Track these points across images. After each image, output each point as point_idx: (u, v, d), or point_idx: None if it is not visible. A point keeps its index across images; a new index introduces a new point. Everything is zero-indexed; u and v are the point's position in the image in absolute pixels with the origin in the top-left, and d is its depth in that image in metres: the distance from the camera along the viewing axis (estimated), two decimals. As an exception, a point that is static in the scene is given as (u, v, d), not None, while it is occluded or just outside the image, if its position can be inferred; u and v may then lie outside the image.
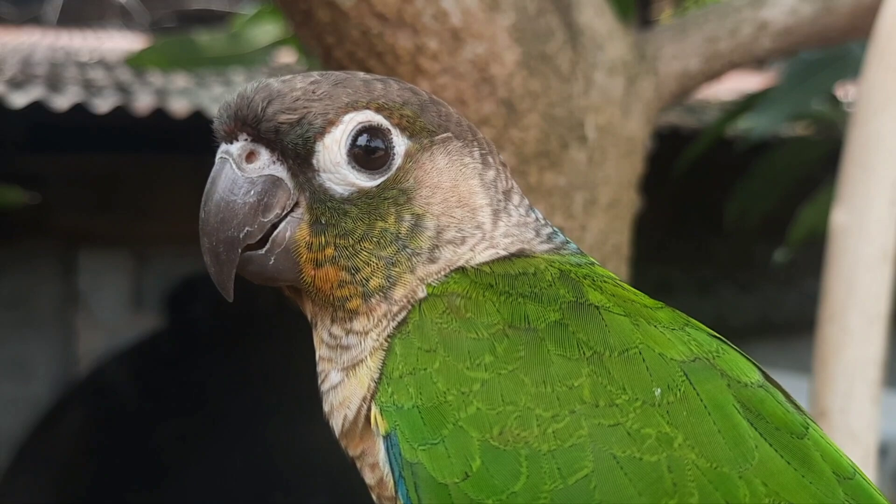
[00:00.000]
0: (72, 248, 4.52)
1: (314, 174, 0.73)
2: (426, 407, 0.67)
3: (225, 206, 0.72)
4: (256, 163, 0.73)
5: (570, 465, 0.64)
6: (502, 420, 0.65)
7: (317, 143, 0.72)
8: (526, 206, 0.84)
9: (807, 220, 3.07)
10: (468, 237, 0.76)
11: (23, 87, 3.72)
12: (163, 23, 6.94)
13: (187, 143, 4.30)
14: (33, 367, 4.48)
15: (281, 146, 0.72)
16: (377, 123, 0.73)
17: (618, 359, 0.68)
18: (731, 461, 0.65)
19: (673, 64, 1.46)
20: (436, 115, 0.77)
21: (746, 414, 0.68)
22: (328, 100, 0.73)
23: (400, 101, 0.75)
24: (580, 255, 0.83)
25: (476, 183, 0.78)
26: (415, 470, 0.67)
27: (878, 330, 1.36)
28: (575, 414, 0.65)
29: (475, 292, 0.72)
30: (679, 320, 0.74)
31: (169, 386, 4.26)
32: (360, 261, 0.73)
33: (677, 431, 0.65)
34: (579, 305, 0.71)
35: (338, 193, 0.73)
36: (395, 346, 0.71)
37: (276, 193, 0.73)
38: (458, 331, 0.69)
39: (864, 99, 1.41)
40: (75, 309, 4.54)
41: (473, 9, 1.20)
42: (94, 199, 4.47)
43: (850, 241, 1.38)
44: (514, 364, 0.67)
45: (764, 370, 0.74)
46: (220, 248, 0.73)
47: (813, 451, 0.68)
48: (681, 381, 0.67)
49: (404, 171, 0.74)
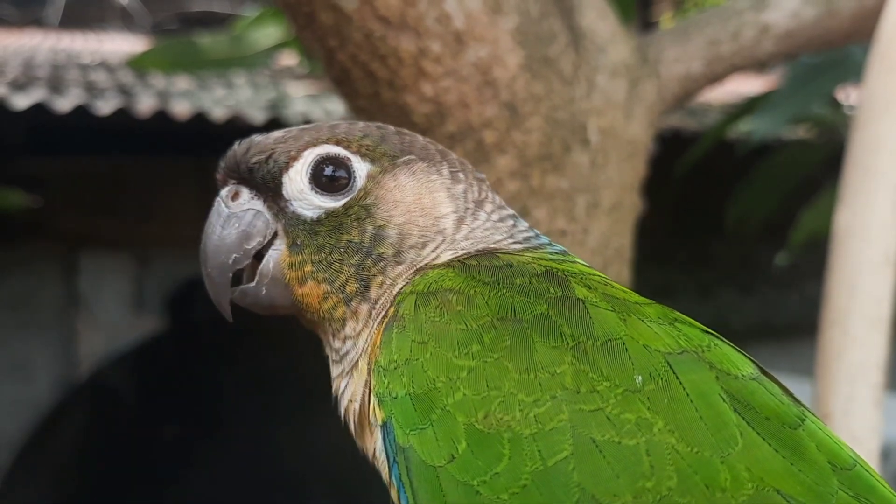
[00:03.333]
0: (73, 250, 4.52)
1: (286, 203, 0.85)
2: (417, 394, 0.71)
3: (216, 238, 0.86)
4: (240, 200, 0.87)
5: (550, 448, 0.66)
6: (486, 405, 0.68)
7: (283, 176, 0.85)
8: (504, 215, 0.90)
9: (808, 223, 3.07)
10: (429, 241, 0.84)
11: (24, 90, 3.72)
12: (164, 25, 6.95)
13: (189, 145, 4.31)
14: (34, 369, 4.48)
15: (255, 183, 0.86)
16: (335, 153, 0.85)
17: (601, 348, 0.70)
18: (712, 446, 0.66)
19: (675, 67, 1.46)
20: (398, 143, 0.88)
21: (734, 403, 0.69)
22: (292, 141, 0.86)
23: (360, 135, 0.87)
24: (562, 254, 0.88)
25: (442, 195, 0.86)
26: (406, 454, 0.70)
27: (880, 333, 1.36)
28: (556, 399, 0.68)
29: (468, 288, 0.76)
30: (668, 316, 0.76)
31: (170, 388, 4.26)
32: (334, 271, 0.83)
33: (657, 417, 0.67)
34: (565, 300, 0.74)
35: (308, 216, 0.85)
36: (392, 340, 0.75)
37: (256, 223, 0.86)
38: (448, 323, 0.73)
39: (867, 102, 1.41)
40: (76, 311, 4.54)
41: (476, 12, 1.20)
42: (95, 201, 4.48)
43: (853, 244, 1.38)
44: (499, 352, 0.70)
45: (762, 367, 0.75)
46: (213, 273, 0.86)
47: (807, 441, 0.69)
48: (664, 370, 0.69)
49: (366, 191, 0.84)
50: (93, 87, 4.03)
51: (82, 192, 4.42)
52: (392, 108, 1.24)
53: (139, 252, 4.62)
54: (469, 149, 1.25)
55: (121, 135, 3.96)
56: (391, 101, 1.23)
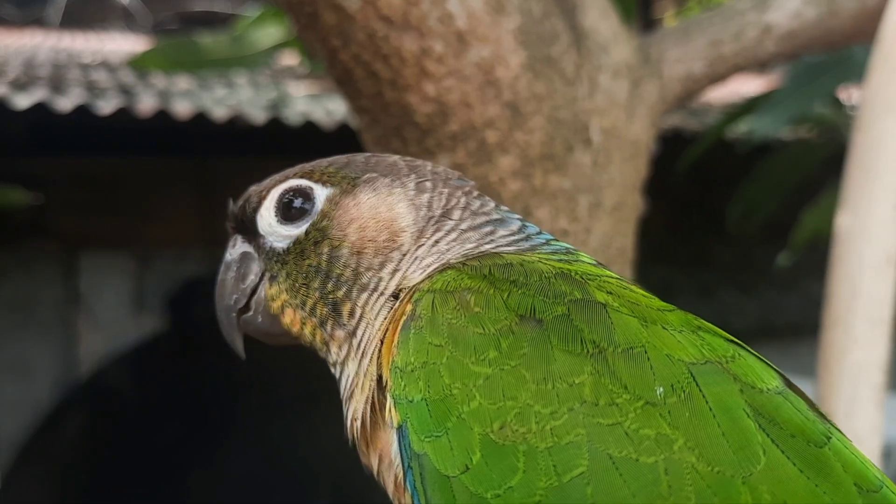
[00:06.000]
0: (74, 249, 4.52)
1: (262, 239, 0.90)
2: (433, 400, 0.69)
3: (220, 282, 0.93)
4: (237, 246, 0.93)
5: (566, 464, 0.64)
6: (503, 415, 0.66)
7: (256, 215, 0.90)
8: (481, 221, 0.87)
9: (810, 223, 3.07)
10: (388, 261, 0.84)
11: (26, 89, 3.72)
12: (165, 25, 6.95)
13: (190, 145, 4.32)
14: (34, 369, 4.48)
15: (244, 228, 0.92)
16: (298, 185, 0.88)
17: (622, 356, 0.68)
18: (733, 465, 0.63)
19: (677, 67, 1.46)
20: (362, 165, 0.89)
21: (758, 419, 0.66)
22: (265, 182, 0.91)
23: (325, 164, 0.90)
24: (565, 252, 0.85)
25: (402, 207, 0.86)
26: (421, 461, 0.68)
27: (881, 334, 1.36)
28: (574, 412, 0.65)
29: (487, 287, 0.74)
30: (692, 324, 0.73)
31: (170, 388, 4.26)
32: (302, 296, 0.86)
33: (678, 433, 0.64)
34: (586, 303, 0.72)
35: (279, 248, 0.88)
36: (409, 340, 0.73)
37: (248, 265, 0.91)
38: (465, 326, 0.71)
39: (868, 102, 1.41)
40: (77, 311, 4.54)
41: (479, 12, 1.20)
42: (96, 200, 4.47)
43: (854, 244, 1.38)
44: (516, 360, 0.68)
45: (788, 378, 0.72)
46: (221, 315, 0.92)
47: (833, 461, 0.66)
48: (686, 382, 0.67)
49: (323, 213, 0.86)
50: (94, 87, 4.03)
51: (83, 191, 4.42)
52: (394, 107, 1.24)
53: (139, 251, 4.62)
54: (471, 149, 1.25)
55: (121, 134, 3.95)
56: (394, 100, 1.23)
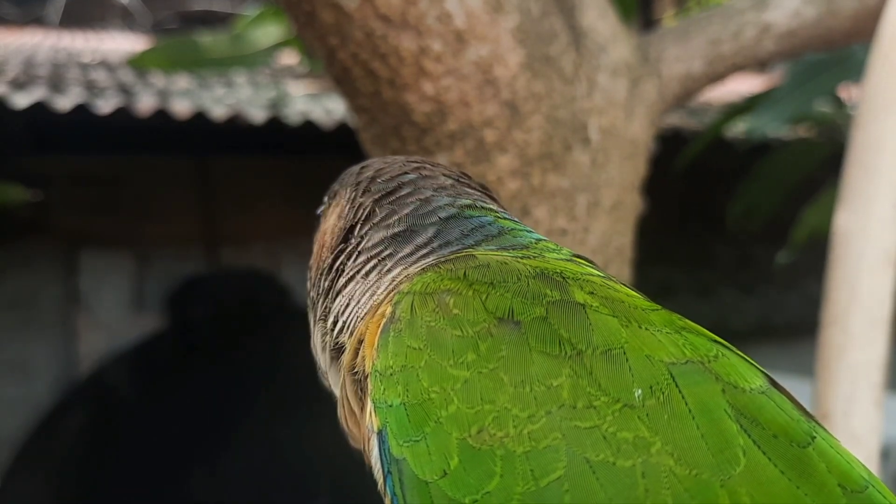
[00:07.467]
0: (73, 248, 4.52)
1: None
2: (411, 404, 0.68)
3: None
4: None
5: (543, 468, 0.63)
6: (480, 419, 0.65)
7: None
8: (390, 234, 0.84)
9: (809, 222, 3.08)
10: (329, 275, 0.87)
11: (25, 88, 3.72)
12: (165, 24, 6.94)
13: (189, 144, 4.31)
14: (34, 368, 4.48)
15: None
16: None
17: (600, 358, 0.66)
18: (712, 468, 0.62)
19: (676, 66, 1.46)
20: (347, 177, 0.91)
21: (740, 419, 0.65)
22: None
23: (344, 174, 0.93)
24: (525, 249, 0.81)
25: (331, 222, 0.88)
26: (400, 466, 0.67)
27: (880, 333, 1.36)
28: (551, 415, 0.64)
29: (465, 289, 0.72)
30: (675, 323, 0.72)
31: (170, 387, 4.26)
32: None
33: (656, 436, 0.63)
34: (564, 304, 0.70)
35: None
36: (389, 343, 0.72)
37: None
38: (444, 328, 0.70)
39: (868, 101, 1.41)
40: (76, 309, 4.54)
41: (477, 11, 1.20)
42: (95, 199, 4.47)
43: (853, 243, 1.38)
44: (494, 363, 0.67)
45: (773, 378, 0.71)
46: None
47: (816, 462, 0.65)
48: (666, 383, 0.65)
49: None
50: (93, 86, 4.03)
51: (82, 190, 4.41)
52: (393, 106, 1.23)
53: (139, 250, 4.62)
54: (470, 147, 1.25)
55: (121, 134, 3.95)
56: (392, 99, 1.23)
